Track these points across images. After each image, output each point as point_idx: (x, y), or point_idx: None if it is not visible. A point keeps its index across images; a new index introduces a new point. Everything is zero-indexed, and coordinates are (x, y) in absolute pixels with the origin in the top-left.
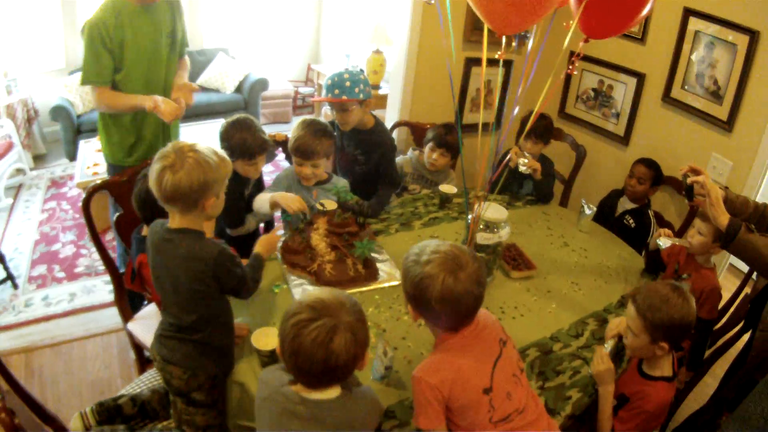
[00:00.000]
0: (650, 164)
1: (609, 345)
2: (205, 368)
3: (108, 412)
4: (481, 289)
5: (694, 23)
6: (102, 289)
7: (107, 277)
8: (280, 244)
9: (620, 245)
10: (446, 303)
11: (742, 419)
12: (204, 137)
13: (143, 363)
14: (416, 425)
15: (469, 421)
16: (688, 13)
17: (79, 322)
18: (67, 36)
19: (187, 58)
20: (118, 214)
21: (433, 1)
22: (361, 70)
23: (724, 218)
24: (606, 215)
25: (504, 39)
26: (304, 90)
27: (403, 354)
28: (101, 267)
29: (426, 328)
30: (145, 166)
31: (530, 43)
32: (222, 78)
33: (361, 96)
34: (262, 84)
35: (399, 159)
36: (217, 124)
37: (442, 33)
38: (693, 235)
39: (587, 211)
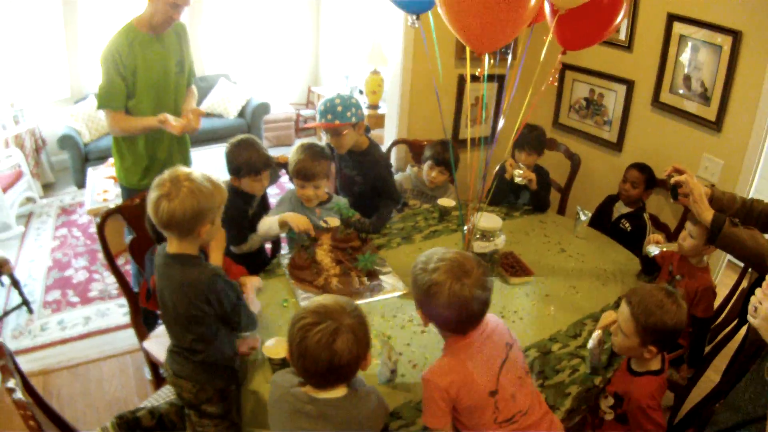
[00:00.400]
0: (643, 168)
1: (597, 335)
2: (212, 382)
3: (127, 424)
4: (487, 293)
5: (678, 28)
6: (116, 312)
7: (121, 300)
8: (287, 261)
9: (617, 249)
10: (453, 308)
11: (732, 405)
12: (211, 162)
13: (159, 380)
14: (425, 423)
15: (475, 421)
16: (672, 18)
17: (94, 344)
18: (71, 66)
19: (194, 87)
20: (131, 237)
21: (417, 25)
22: (360, 91)
23: (708, 214)
24: (602, 220)
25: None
26: (306, 112)
27: (408, 359)
28: (114, 291)
29: (428, 335)
30: None
31: (509, 58)
32: (225, 103)
33: (354, 119)
34: (264, 108)
35: (398, 176)
36: (222, 149)
37: (427, 53)
38: (684, 237)
39: (582, 218)
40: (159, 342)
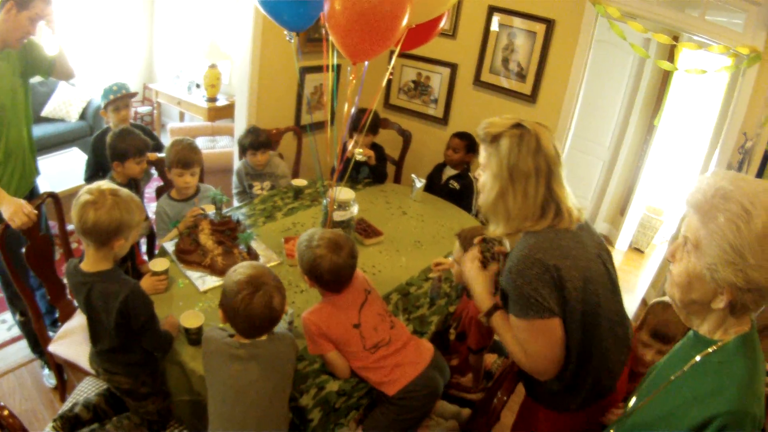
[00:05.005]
0: (462, 136)
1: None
2: (144, 369)
3: (69, 422)
4: (355, 260)
5: (497, 17)
6: None
7: (2, 316)
8: (173, 248)
9: (449, 206)
10: (333, 273)
11: None
12: (59, 168)
13: (64, 385)
14: (310, 353)
15: (349, 349)
16: (493, 9)
17: None
18: None
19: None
20: (26, 245)
21: (293, 40)
22: (198, 85)
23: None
24: (434, 185)
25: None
26: (142, 109)
27: (297, 313)
28: None
29: (306, 294)
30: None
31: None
32: (66, 107)
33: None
34: None
35: (236, 167)
36: (69, 154)
37: (297, 62)
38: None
39: (418, 184)
40: (64, 343)
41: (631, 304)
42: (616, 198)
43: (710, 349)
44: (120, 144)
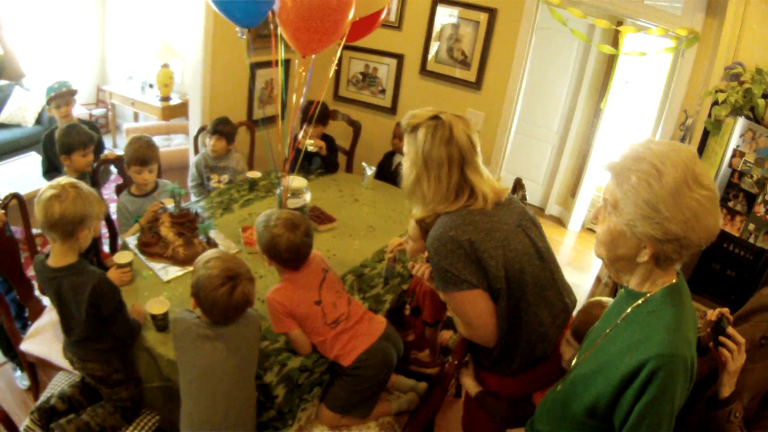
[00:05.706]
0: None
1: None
2: (116, 355)
3: (46, 414)
4: (311, 239)
5: (441, 7)
6: None
7: None
8: (135, 242)
9: (400, 192)
10: (291, 251)
11: None
12: (17, 174)
13: (37, 385)
14: (275, 332)
15: (312, 325)
16: (437, 0)
17: None
18: None
19: None
20: None
21: (244, 36)
22: (151, 85)
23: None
24: (385, 172)
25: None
26: (97, 111)
27: (257, 297)
28: None
29: (265, 278)
30: None
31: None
32: (22, 112)
33: None
34: None
35: (194, 159)
36: (27, 158)
37: (247, 58)
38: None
39: (369, 172)
40: (36, 341)
41: (586, 282)
42: (567, 180)
43: (640, 301)
44: (65, 138)
